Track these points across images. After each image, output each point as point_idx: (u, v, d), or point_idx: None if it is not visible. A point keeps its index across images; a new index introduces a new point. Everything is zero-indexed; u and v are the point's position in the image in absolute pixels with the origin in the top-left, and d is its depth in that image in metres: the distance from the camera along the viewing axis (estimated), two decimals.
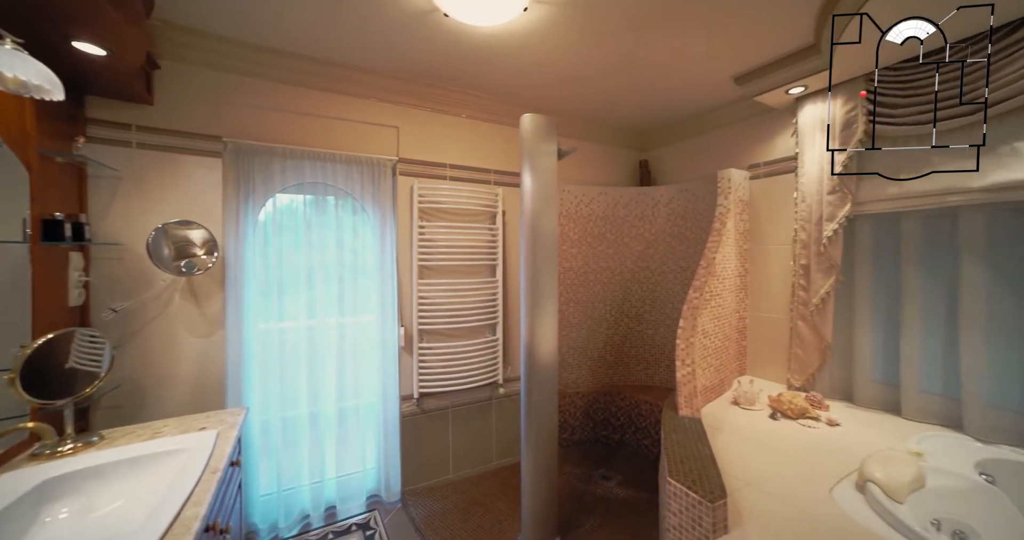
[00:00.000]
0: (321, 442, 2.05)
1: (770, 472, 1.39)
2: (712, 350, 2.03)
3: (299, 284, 2.01)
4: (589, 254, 2.78)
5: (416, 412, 2.29)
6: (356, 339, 2.15)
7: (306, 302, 2.02)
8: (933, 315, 1.78)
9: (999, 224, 1.61)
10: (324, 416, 2.06)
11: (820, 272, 2.01)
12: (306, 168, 1.99)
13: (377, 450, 2.21)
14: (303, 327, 2.01)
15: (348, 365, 2.12)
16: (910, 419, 1.80)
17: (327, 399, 2.06)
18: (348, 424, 2.15)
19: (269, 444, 1.94)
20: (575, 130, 2.85)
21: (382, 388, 2.18)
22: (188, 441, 1.27)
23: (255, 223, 1.91)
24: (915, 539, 1.08)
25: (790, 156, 2.21)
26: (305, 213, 2.02)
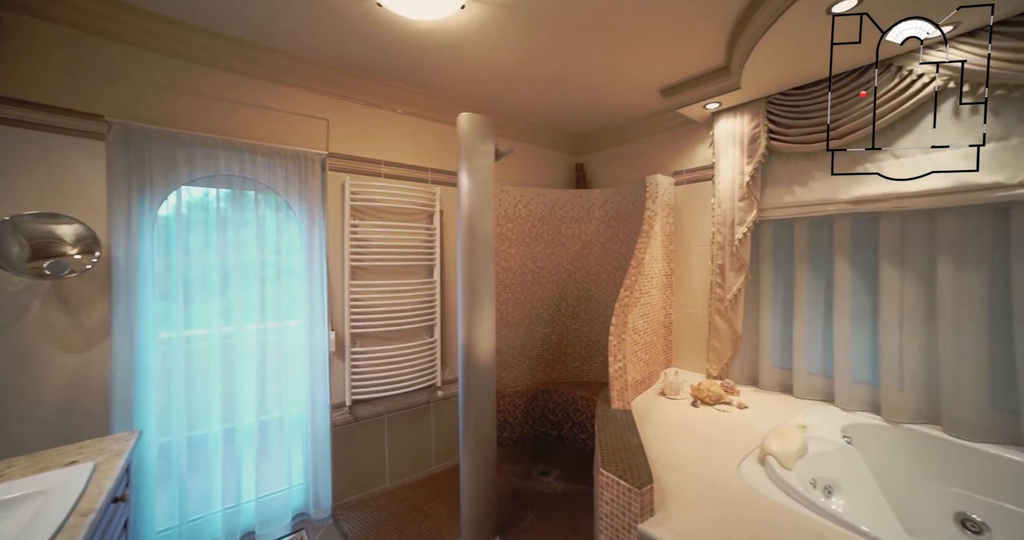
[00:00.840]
0: (238, 461, 1.86)
1: (690, 455, 1.50)
2: (642, 345, 2.16)
3: (212, 287, 1.81)
4: (527, 254, 2.83)
5: (349, 420, 2.17)
6: (281, 345, 1.98)
7: (221, 307, 1.82)
8: (816, 307, 2.05)
9: (859, 230, 1.91)
10: (242, 431, 1.87)
11: (733, 271, 2.23)
12: (220, 159, 1.80)
13: (305, 464, 2.06)
14: (217, 334, 1.82)
15: (271, 374, 1.96)
16: (800, 397, 2.06)
17: (246, 412, 1.88)
18: (271, 438, 1.98)
19: (171, 470, 1.71)
20: (514, 131, 2.88)
21: (310, 397, 2.03)
22: (48, 481, 1.05)
23: (154, 218, 1.68)
24: (798, 498, 1.24)
25: (708, 165, 2.42)
26: (220, 209, 1.83)
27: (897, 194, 1.72)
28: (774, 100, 2.10)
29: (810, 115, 1.97)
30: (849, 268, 1.92)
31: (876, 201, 1.78)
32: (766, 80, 1.97)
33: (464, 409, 1.78)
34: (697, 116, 2.41)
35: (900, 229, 1.78)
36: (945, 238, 1.66)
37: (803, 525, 1.13)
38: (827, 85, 1.93)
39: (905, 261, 1.77)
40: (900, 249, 1.78)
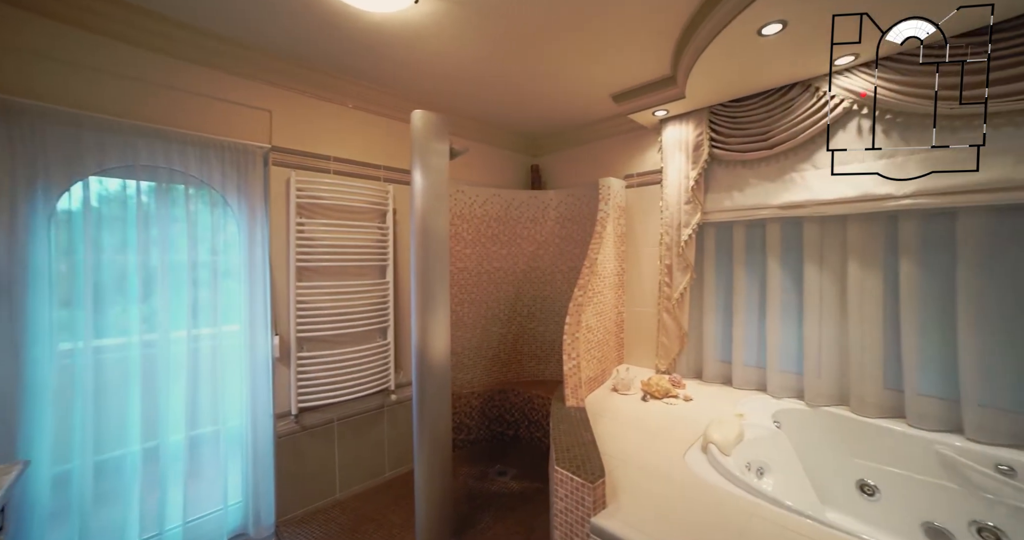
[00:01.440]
0: (162, 483, 1.67)
1: (640, 448, 1.57)
2: (595, 343, 2.23)
3: (131, 291, 1.63)
4: (483, 254, 2.82)
5: (295, 430, 2.05)
6: (217, 353, 1.83)
7: (141, 313, 1.65)
8: (752, 303, 2.22)
9: (787, 233, 2.09)
10: (168, 450, 1.69)
11: (679, 270, 2.35)
12: (140, 148, 1.62)
13: (244, 480, 1.91)
14: (136, 344, 1.63)
15: (205, 384, 1.80)
16: (738, 388, 2.22)
17: (172, 428, 1.71)
18: (204, 454, 1.81)
19: (70, 502, 1.49)
20: (469, 131, 2.86)
21: (251, 407, 1.90)
22: None
23: (50, 213, 1.47)
24: (736, 481, 1.34)
25: (657, 169, 2.54)
26: (142, 203, 1.65)
27: (816, 201, 1.90)
28: (715, 110, 2.24)
29: (746, 126, 2.13)
30: (779, 268, 2.10)
31: (800, 207, 1.96)
32: (708, 92, 2.11)
33: (419, 412, 1.74)
34: (647, 122, 2.53)
35: (819, 233, 1.97)
36: (853, 241, 1.86)
37: (739, 506, 1.21)
38: (759, 99, 2.10)
39: (823, 262, 1.96)
40: (819, 251, 1.97)
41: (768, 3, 1.41)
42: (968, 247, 1.60)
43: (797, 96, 1.97)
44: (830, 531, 1.10)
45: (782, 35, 1.59)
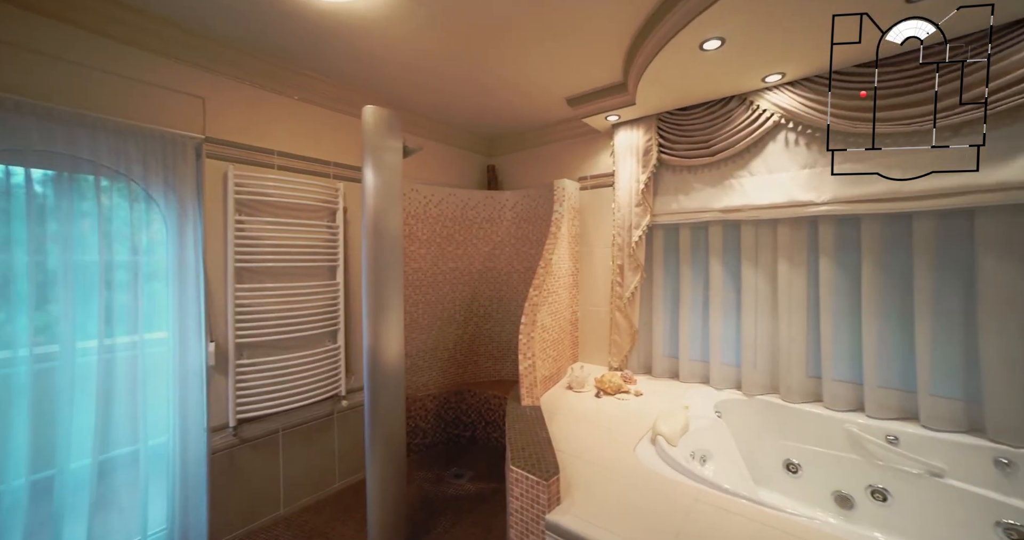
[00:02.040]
0: (56, 520, 1.42)
1: (593, 443, 1.62)
2: (550, 342, 2.26)
3: (20, 296, 1.40)
4: (438, 254, 2.78)
5: (233, 444, 1.90)
6: (137, 364, 1.64)
7: (39, 322, 1.43)
8: (697, 301, 2.36)
9: (728, 235, 2.25)
10: (68, 479, 1.45)
11: (631, 270, 2.45)
12: (31, 130, 1.40)
13: (170, 503, 1.71)
14: (26, 357, 1.39)
15: (120, 399, 1.60)
16: (685, 382, 2.35)
17: (76, 454, 1.48)
18: (118, 480, 1.59)
19: None
20: (425, 129, 2.80)
21: (179, 421, 1.73)
22: None
23: None
24: (682, 470, 1.42)
25: (609, 172, 2.63)
26: (36, 194, 1.43)
27: (751, 206, 2.06)
28: (663, 118, 2.36)
29: (691, 134, 2.26)
30: (720, 267, 2.25)
31: (738, 211, 2.11)
32: (656, 99, 2.21)
33: (371, 418, 1.67)
34: (600, 126, 2.60)
35: (755, 235, 2.13)
36: (783, 243, 2.03)
37: (684, 492, 1.28)
38: (703, 109, 2.23)
39: (758, 262, 2.13)
40: (755, 252, 2.13)
41: (707, 21, 1.51)
42: (870, 248, 1.82)
43: (735, 108, 2.12)
44: (760, 508, 1.20)
45: (721, 51, 1.70)
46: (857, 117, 1.75)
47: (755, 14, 1.47)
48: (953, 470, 1.59)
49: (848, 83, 1.79)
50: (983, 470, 1.55)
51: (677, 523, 1.14)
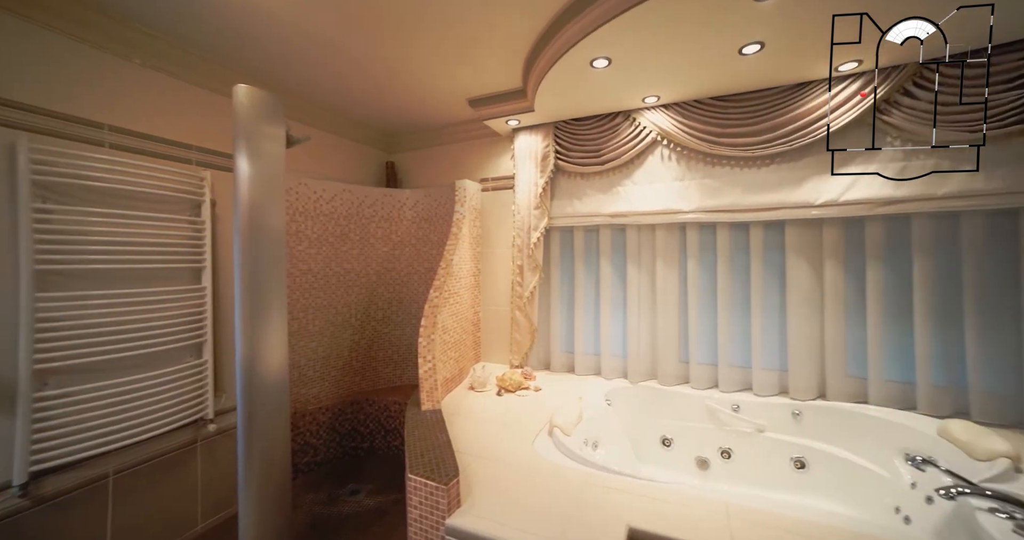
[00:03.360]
0: None
1: (494, 441, 1.64)
2: (452, 344, 2.24)
3: None
4: (331, 255, 2.56)
5: (22, 508, 1.44)
6: None
7: None
8: (590, 298, 2.55)
9: (616, 237, 2.47)
10: None
11: (530, 270, 2.55)
12: None
13: None
14: None
15: None
16: (580, 375, 2.53)
17: None
18: None
19: None
20: (317, 119, 2.56)
21: None
22: None
23: None
24: (576, 457, 1.52)
25: (510, 175, 2.70)
26: None
27: (634, 212, 2.30)
28: (560, 126, 2.50)
29: (584, 143, 2.43)
30: (610, 267, 2.46)
31: (623, 216, 2.34)
32: (553, 108, 2.34)
33: (246, 441, 1.46)
34: (501, 130, 2.66)
35: (637, 238, 2.39)
36: (660, 246, 2.31)
37: (577, 477, 1.37)
38: (594, 121, 2.41)
39: (641, 262, 2.38)
40: (638, 253, 2.39)
41: (595, 42, 1.64)
42: (723, 251, 2.17)
43: (621, 123, 2.34)
44: (639, 482, 1.34)
45: (609, 70, 1.86)
46: (714, 141, 2.08)
47: (634, 42, 1.65)
48: (771, 425, 1.99)
49: (706, 112, 2.11)
50: (785, 421, 1.99)
51: (569, 507, 1.22)
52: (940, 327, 1.81)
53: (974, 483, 1.26)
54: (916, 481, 1.51)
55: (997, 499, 1.16)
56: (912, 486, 1.52)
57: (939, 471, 1.41)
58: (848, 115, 1.83)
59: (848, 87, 1.85)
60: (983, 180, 1.68)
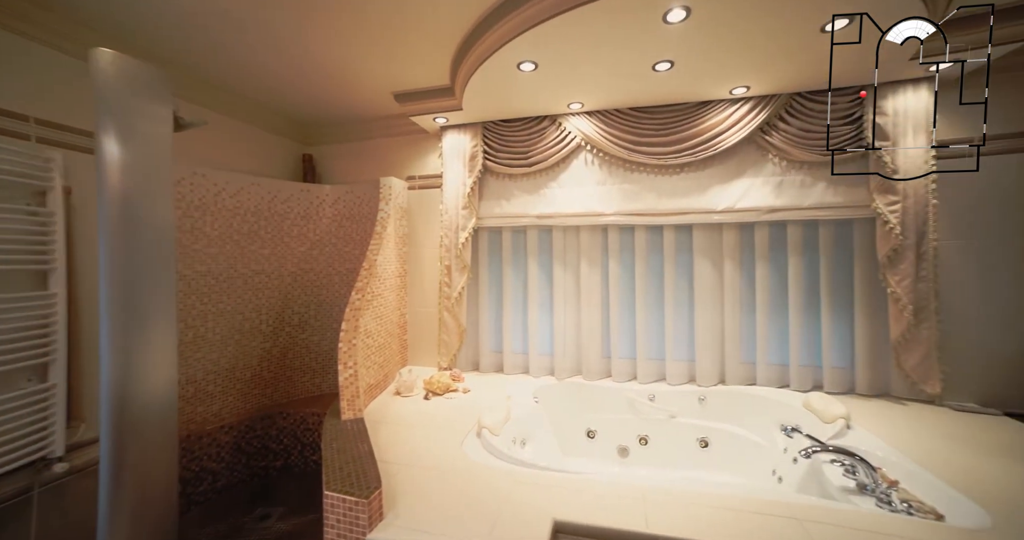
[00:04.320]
0: None
1: (421, 447, 1.59)
2: (376, 348, 2.13)
3: None
4: (237, 255, 2.29)
5: None
6: None
7: None
8: (517, 297, 2.58)
9: (542, 238, 2.53)
10: None
11: (458, 271, 2.51)
12: None
13: None
14: None
15: None
16: (509, 374, 2.55)
17: None
18: None
19: None
20: (223, 103, 2.29)
21: None
22: None
23: None
24: (503, 457, 1.53)
25: (438, 174, 2.64)
26: None
27: (560, 213, 2.38)
28: (488, 127, 2.50)
29: (512, 145, 2.46)
30: (537, 267, 2.52)
31: (550, 217, 2.41)
32: (481, 109, 2.33)
33: (112, 479, 1.23)
34: (428, 127, 2.59)
35: (563, 239, 2.47)
36: (584, 246, 2.41)
37: (506, 476, 1.38)
38: (522, 124, 2.44)
39: (566, 262, 2.47)
40: (563, 253, 2.47)
41: (521, 46, 1.66)
42: (640, 251, 2.33)
43: (548, 127, 2.40)
44: (565, 475, 1.38)
45: (536, 74, 1.90)
46: (632, 149, 2.23)
47: (559, 50, 1.70)
48: (680, 411, 2.18)
49: (625, 121, 2.26)
50: (692, 406, 2.20)
51: (497, 506, 1.21)
52: (805, 316, 2.14)
53: (822, 442, 1.51)
54: (787, 446, 1.75)
55: (835, 452, 1.43)
56: (784, 451, 1.76)
57: (802, 436, 1.66)
58: (741, 132, 2.08)
59: (740, 109, 2.10)
60: (832, 195, 2.03)
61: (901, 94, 1.91)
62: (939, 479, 1.31)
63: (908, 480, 1.32)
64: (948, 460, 1.43)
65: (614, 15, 1.48)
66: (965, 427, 1.69)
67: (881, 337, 2.02)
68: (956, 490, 1.25)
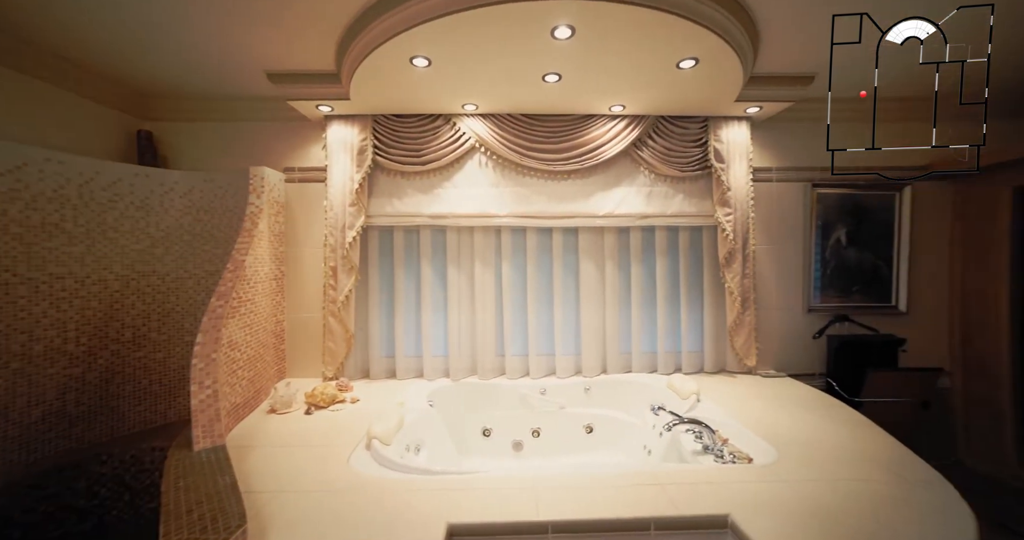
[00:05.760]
0: None
1: (300, 469, 1.41)
2: (244, 362, 1.84)
3: None
4: (23, 255, 1.75)
5: None
6: None
7: None
8: (410, 300, 2.48)
9: (436, 238, 2.48)
10: None
11: (344, 272, 2.32)
12: None
13: None
14: None
15: None
16: (402, 379, 2.44)
17: None
18: None
19: None
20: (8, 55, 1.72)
21: None
22: None
23: None
24: (396, 467, 1.45)
25: (322, 167, 2.40)
26: None
27: (454, 214, 2.37)
28: (380, 121, 2.35)
29: (405, 142, 2.36)
30: (430, 268, 2.46)
31: (443, 217, 2.38)
32: (372, 101, 2.19)
33: None
34: (310, 114, 2.34)
35: (457, 240, 2.46)
36: (478, 247, 2.44)
37: (399, 486, 1.30)
38: (416, 120, 2.36)
39: (460, 263, 2.46)
40: (457, 254, 2.46)
41: (413, 40, 1.61)
42: (531, 253, 2.45)
43: (442, 126, 2.37)
44: (459, 476, 1.37)
45: (430, 71, 1.85)
46: (524, 153, 2.33)
47: (452, 50, 1.68)
48: (569, 402, 2.35)
49: (518, 126, 2.35)
50: (579, 396, 2.38)
51: (389, 518, 1.14)
52: (669, 309, 2.50)
53: (680, 415, 1.78)
54: (655, 424, 2.01)
55: (688, 422, 1.72)
56: (653, 427, 2.01)
57: (666, 412, 1.93)
58: (618, 146, 2.34)
59: (618, 124, 2.36)
60: (688, 205, 2.43)
61: (727, 128, 2.37)
62: (751, 431, 1.66)
63: (734, 436, 1.63)
64: (757, 416, 1.83)
65: (507, 25, 1.52)
66: (768, 389, 2.20)
67: (721, 324, 2.47)
68: (760, 437, 1.60)
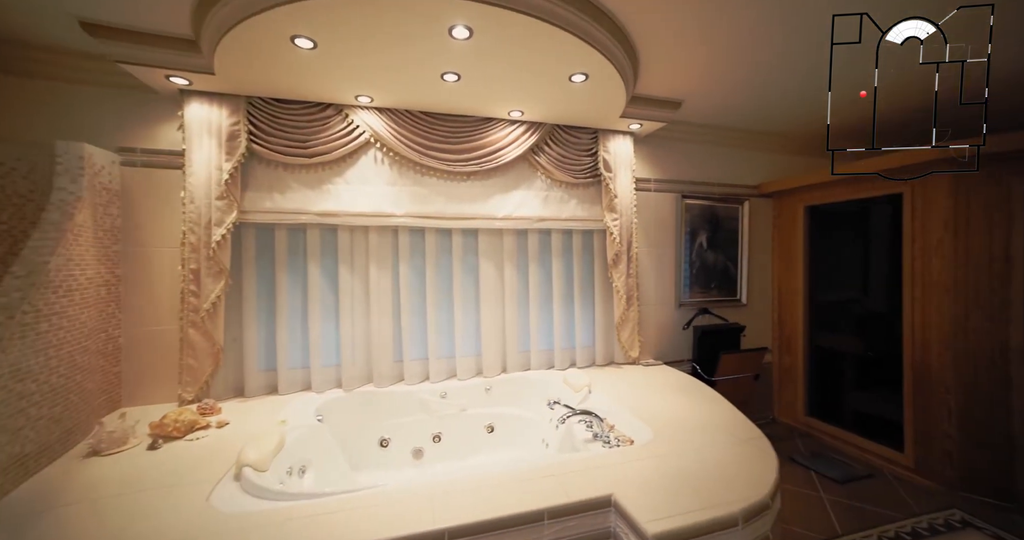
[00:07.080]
0: None
1: (134, 522, 1.15)
2: (43, 396, 1.43)
3: None
4: None
5: None
6: None
7: None
8: (295, 306, 2.23)
9: (326, 238, 2.27)
10: None
11: (211, 276, 1.98)
12: None
13: None
14: None
15: None
16: (284, 393, 2.17)
17: None
18: None
19: None
20: None
21: None
22: None
23: None
24: (272, 496, 1.27)
25: (178, 151, 2.01)
26: None
27: (346, 212, 2.19)
28: (256, 103, 2.06)
29: (288, 130, 2.10)
30: (319, 270, 2.23)
31: (334, 215, 2.18)
32: (245, 79, 1.90)
33: None
34: (159, 86, 1.94)
35: (350, 240, 2.28)
36: (373, 248, 2.28)
37: (277, 516, 1.14)
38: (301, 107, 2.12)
39: (354, 265, 2.28)
40: (351, 255, 2.28)
41: (294, 16, 1.44)
42: (431, 254, 2.39)
43: (332, 116, 2.16)
44: (354, 495, 1.25)
45: (316, 53, 1.67)
46: (423, 152, 2.26)
47: (340, 33, 1.55)
48: (470, 403, 2.34)
49: (417, 124, 2.26)
50: (480, 396, 2.38)
51: None
52: (564, 307, 2.65)
53: (573, 408, 1.90)
54: (552, 417, 2.11)
55: (580, 413, 1.84)
56: (550, 421, 2.11)
57: (561, 406, 2.03)
58: (517, 150, 2.41)
59: (516, 129, 2.42)
60: (580, 210, 2.62)
61: (614, 140, 2.62)
62: (632, 415, 1.83)
63: (619, 422, 1.78)
64: (639, 402, 2.02)
65: (401, 15, 1.45)
66: (649, 376, 2.46)
67: (610, 320, 2.70)
68: (640, 420, 1.77)
